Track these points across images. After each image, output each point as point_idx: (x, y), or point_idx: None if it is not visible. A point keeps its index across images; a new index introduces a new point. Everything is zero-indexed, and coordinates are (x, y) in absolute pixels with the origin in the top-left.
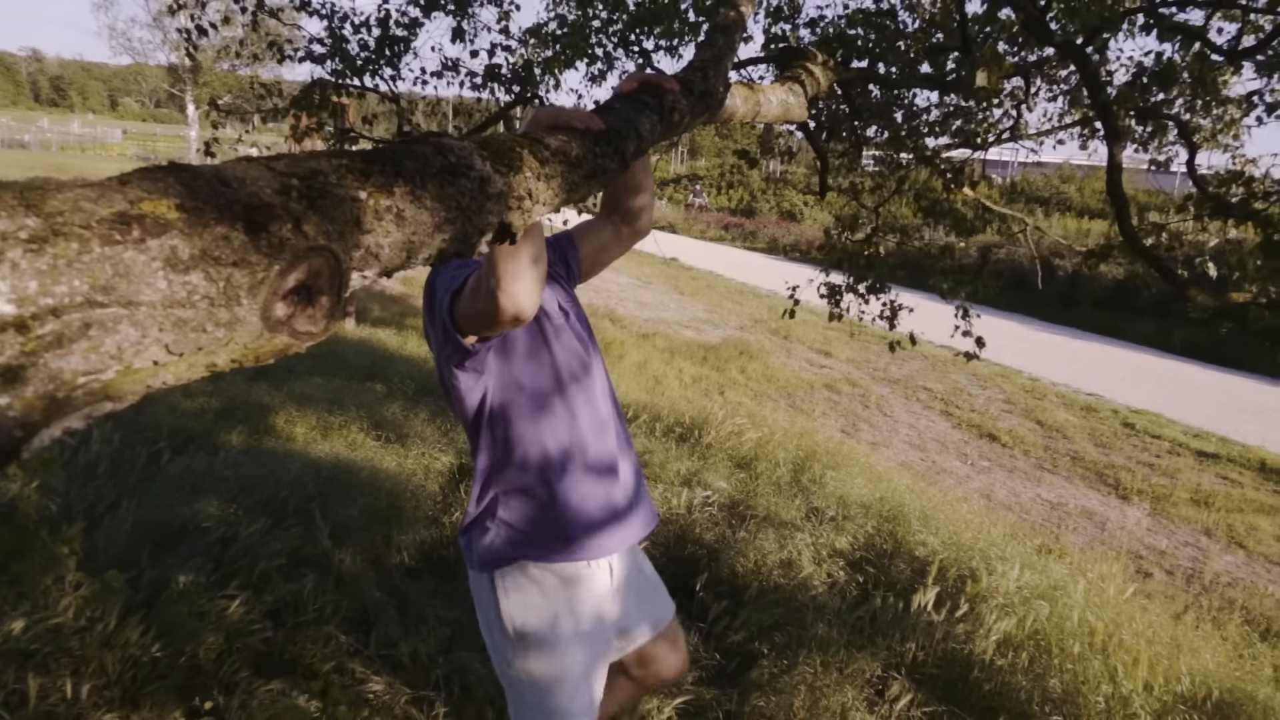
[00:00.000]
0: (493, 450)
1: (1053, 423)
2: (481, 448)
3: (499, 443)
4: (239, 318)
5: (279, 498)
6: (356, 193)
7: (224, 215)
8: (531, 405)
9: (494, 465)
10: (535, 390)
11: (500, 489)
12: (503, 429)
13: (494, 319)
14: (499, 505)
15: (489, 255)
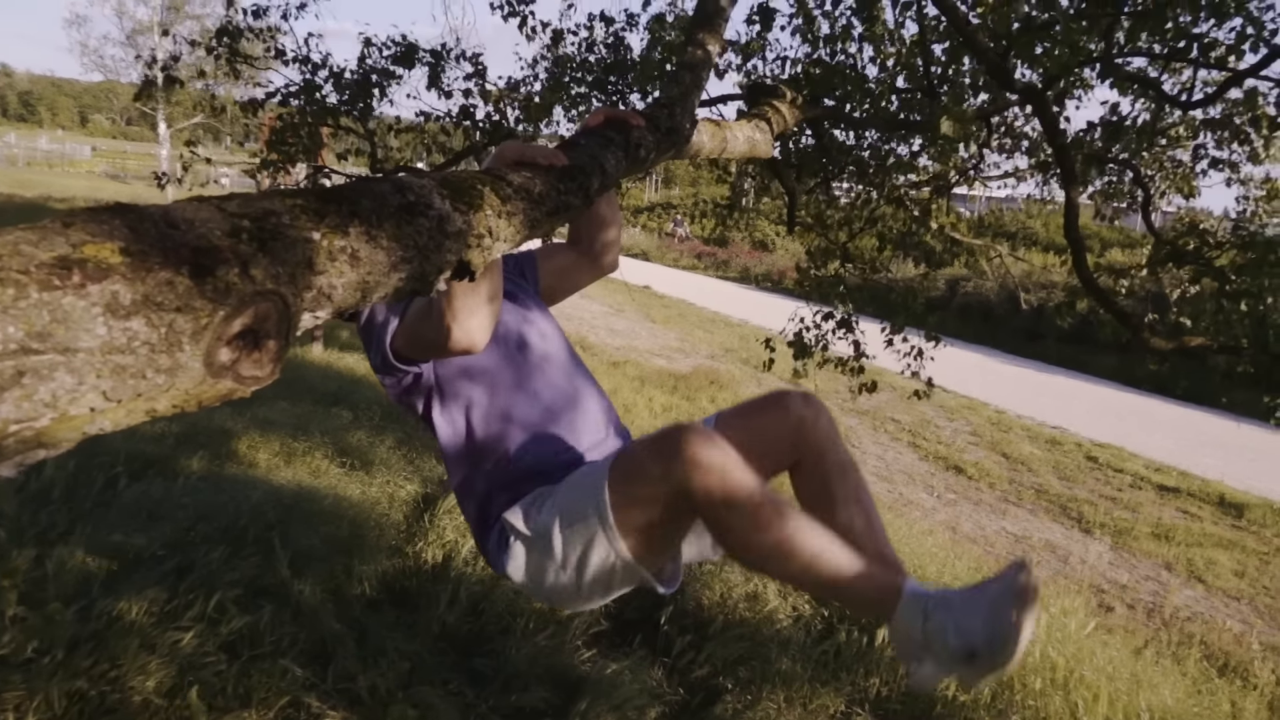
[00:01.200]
0: (452, 429)
1: (1018, 455)
2: (439, 429)
3: (455, 420)
4: (181, 364)
5: (238, 526)
6: (310, 234)
7: (169, 259)
8: (480, 376)
9: (459, 443)
10: (480, 365)
11: (471, 465)
12: (456, 407)
13: (442, 348)
14: (476, 479)
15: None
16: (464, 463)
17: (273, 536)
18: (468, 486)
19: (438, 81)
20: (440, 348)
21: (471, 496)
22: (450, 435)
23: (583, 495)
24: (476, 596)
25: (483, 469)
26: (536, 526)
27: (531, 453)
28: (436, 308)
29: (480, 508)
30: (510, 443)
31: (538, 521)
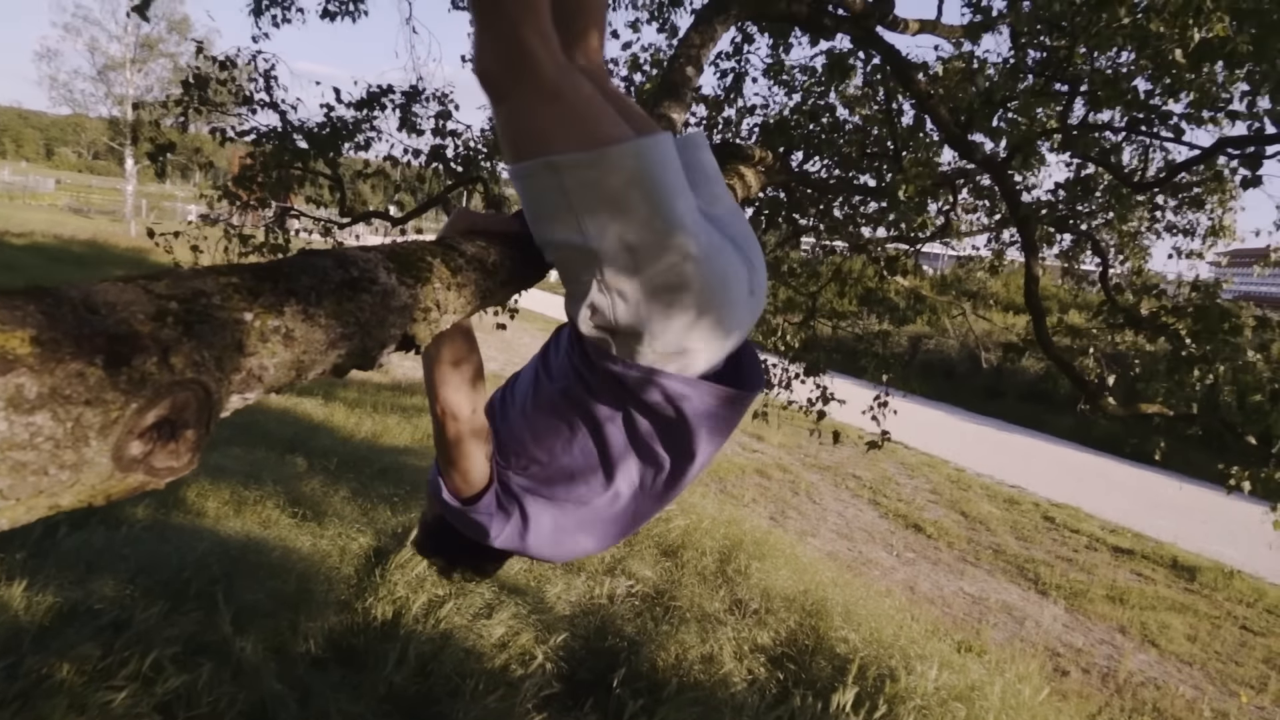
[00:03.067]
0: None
1: (976, 514)
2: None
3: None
4: (86, 459)
5: (181, 579)
6: (241, 315)
7: (83, 348)
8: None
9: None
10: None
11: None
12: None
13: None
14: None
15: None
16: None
17: (216, 591)
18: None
19: (409, 123)
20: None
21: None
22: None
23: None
24: (425, 656)
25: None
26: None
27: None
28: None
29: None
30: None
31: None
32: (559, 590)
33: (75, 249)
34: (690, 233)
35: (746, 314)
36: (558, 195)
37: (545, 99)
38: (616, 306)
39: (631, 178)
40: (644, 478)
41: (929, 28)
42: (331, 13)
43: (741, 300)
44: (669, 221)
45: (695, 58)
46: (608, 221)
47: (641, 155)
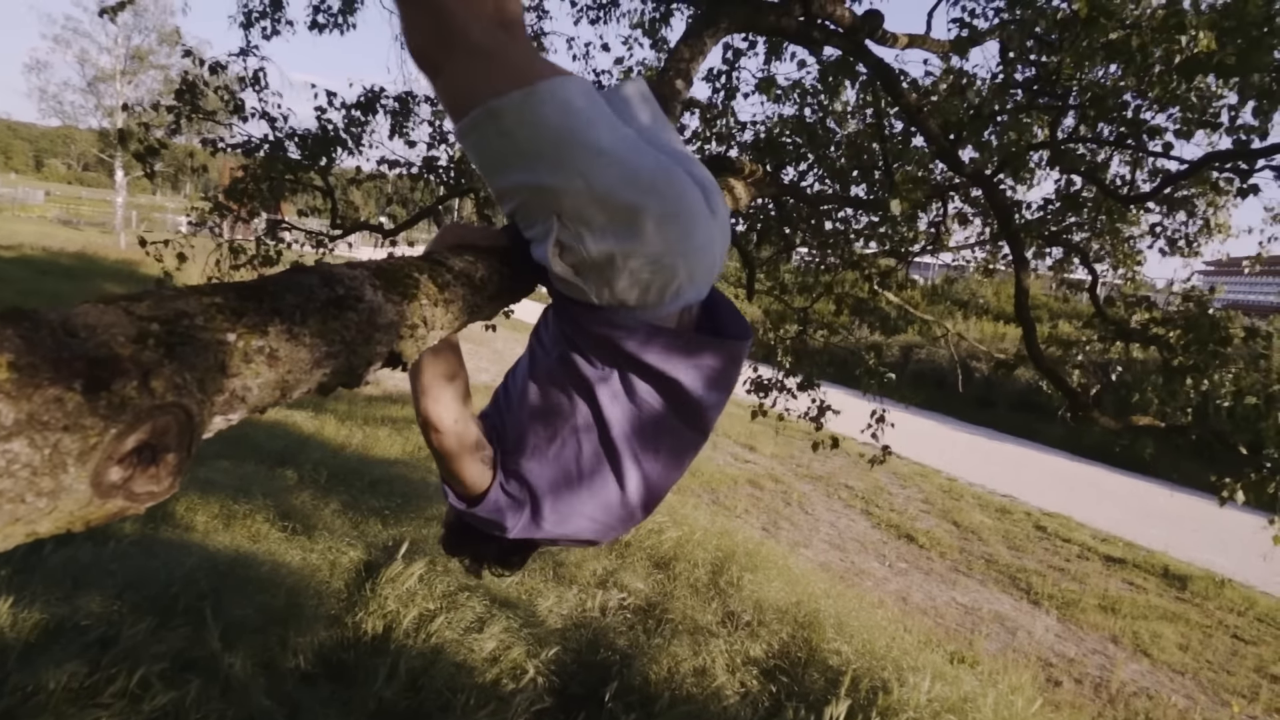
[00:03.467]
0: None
1: (968, 524)
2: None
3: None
4: (64, 486)
5: (169, 594)
6: (224, 335)
7: (61, 373)
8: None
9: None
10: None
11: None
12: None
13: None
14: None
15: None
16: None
17: (205, 606)
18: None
19: (401, 129)
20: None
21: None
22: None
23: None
24: (416, 671)
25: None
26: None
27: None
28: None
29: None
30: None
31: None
32: (551, 603)
33: (64, 261)
34: (636, 152)
35: (712, 232)
36: (503, 140)
37: (477, 58)
38: (583, 238)
39: (566, 108)
40: (649, 441)
41: (918, 42)
42: (320, 25)
43: (702, 215)
44: (613, 144)
45: (685, 71)
46: (555, 154)
47: (570, 86)
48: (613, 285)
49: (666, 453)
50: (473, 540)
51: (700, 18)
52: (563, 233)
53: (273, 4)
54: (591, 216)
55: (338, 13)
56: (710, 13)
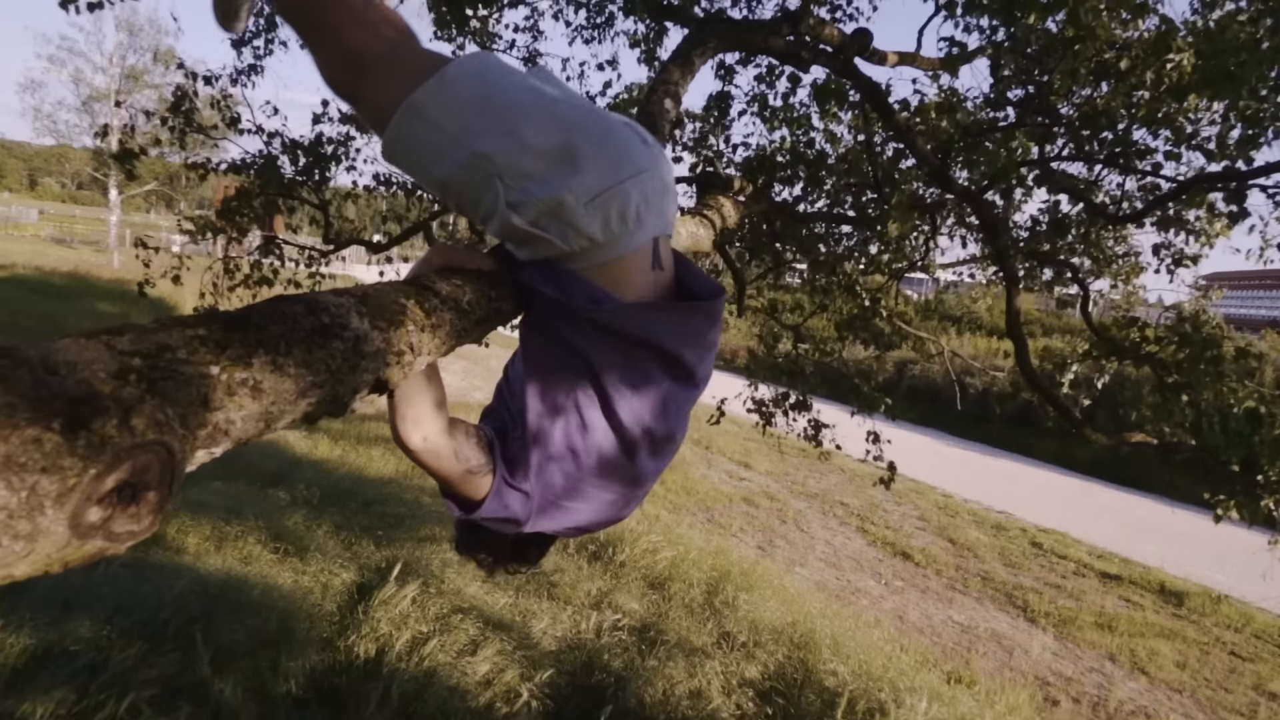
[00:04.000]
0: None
1: (964, 541)
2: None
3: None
4: (42, 529)
5: (159, 619)
6: (207, 369)
7: (40, 413)
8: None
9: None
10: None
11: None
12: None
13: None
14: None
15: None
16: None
17: (195, 630)
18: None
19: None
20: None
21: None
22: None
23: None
24: (409, 695)
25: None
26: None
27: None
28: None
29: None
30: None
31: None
32: (545, 625)
33: (57, 281)
34: (554, 100)
35: (653, 155)
36: (429, 129)
37: (385, 69)
38: (529, 190)
39: (480, 77)
40: (649, 408)
41: (908, 60)
42: None
43: (635, 141)
44: (530, 97)
45: (673, 91)
46: (480, 122)
47: (477, 58)
48: (575, 224)
49: (668, 415)
50: (486, 538)
51: (689, 38)
52: (509, 193)
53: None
54: (530, 167)
55: None
56: (699, 33)
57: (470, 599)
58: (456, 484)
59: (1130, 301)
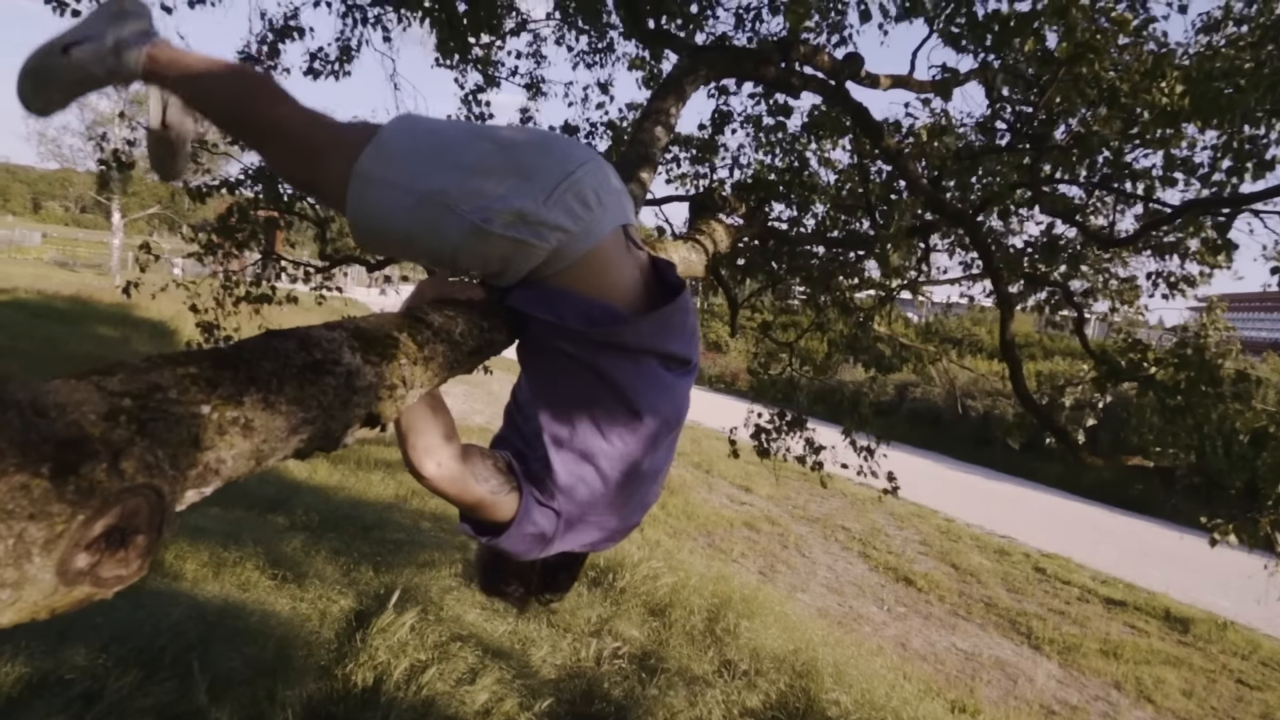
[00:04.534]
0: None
1: (967, 566)
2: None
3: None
4: (29, 576)
5: (156, 646)
6: (198, 408)
7: (29, 459)
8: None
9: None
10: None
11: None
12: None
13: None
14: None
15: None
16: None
17: (192, 658)
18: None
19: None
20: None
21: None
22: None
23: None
24: None
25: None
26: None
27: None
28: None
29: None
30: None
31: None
32: (544, 653)
33: (59, 305)
34: (484, 127)
35: (592, 154)
36: (379, 189)
37: (329, 153)
38: (490, 210)
39: (413, 130)
40: (657, 403)
41: (901, 83)
42: (316, 71)
43: (570, 140)
44: (463, 131)
45: (665, 120)
46: (426, 166)
47: (405, 117)
48: (545, 221)
49: (676, 402)
50: (513, 571)
51: (680, 65)
52: (473, 215)
53: (269, 52)
54: (482, 188)
55: (334, 60)
56: (691, 61)
57: (469, 626)
58: (479, 508)
59: (1132, 324)
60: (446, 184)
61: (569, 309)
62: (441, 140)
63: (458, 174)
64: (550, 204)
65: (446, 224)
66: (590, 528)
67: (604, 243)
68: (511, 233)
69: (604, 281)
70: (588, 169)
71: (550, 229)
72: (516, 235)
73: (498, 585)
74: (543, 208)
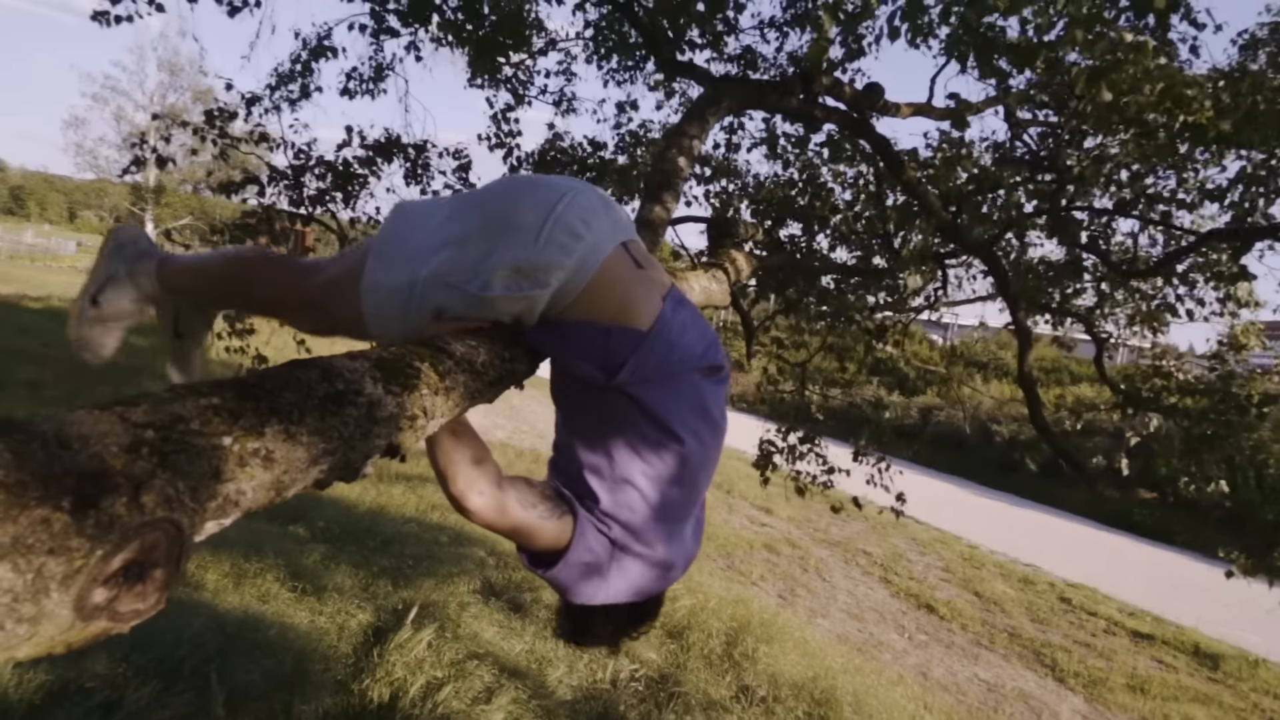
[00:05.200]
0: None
1: (990, 594)
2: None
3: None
4: (46, 611)
5: (175, 656)
6: (220, 440)
7: (50, 492)
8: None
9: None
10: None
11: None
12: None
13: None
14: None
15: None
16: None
17: (210, 670)
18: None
19: (416, 174)
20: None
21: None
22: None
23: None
24: None
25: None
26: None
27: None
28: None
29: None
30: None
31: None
32: (561, 673)
33: None
34: (455, 197)
35: (573, 184)
36: (383, 295)
37: (335, 292)
38: (480, 270)
39: (392, 233)
40: (691, 419)
41: (922, 111)
42: (351, 91)
43: (552, 180)
44: (436, 211)
45: (688, 148)
46: (418, 257)
47: (384, 224)
48: (540, 263)
49: (712, 412)
50: (600, 616)
51: (703, 95)
52: (469, 286)
53: (303, 70)
54: (471, 257)
55: (368, 79)
56: (714, 91)
57: (486, 644)
58: (530, 535)
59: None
60: (439, 266)
61: (587, 345)
62: (427, 224)
63: (446, 253)
64: (540, 245)
65: (453, 301)
66: (642, 562)
67: (606, 264)
68: (512, 290)
69: (615, 302)
70: (569, 201)
71: (548, 270)
72: (517, 292)
73: (583, 634)
74: (535, 253)
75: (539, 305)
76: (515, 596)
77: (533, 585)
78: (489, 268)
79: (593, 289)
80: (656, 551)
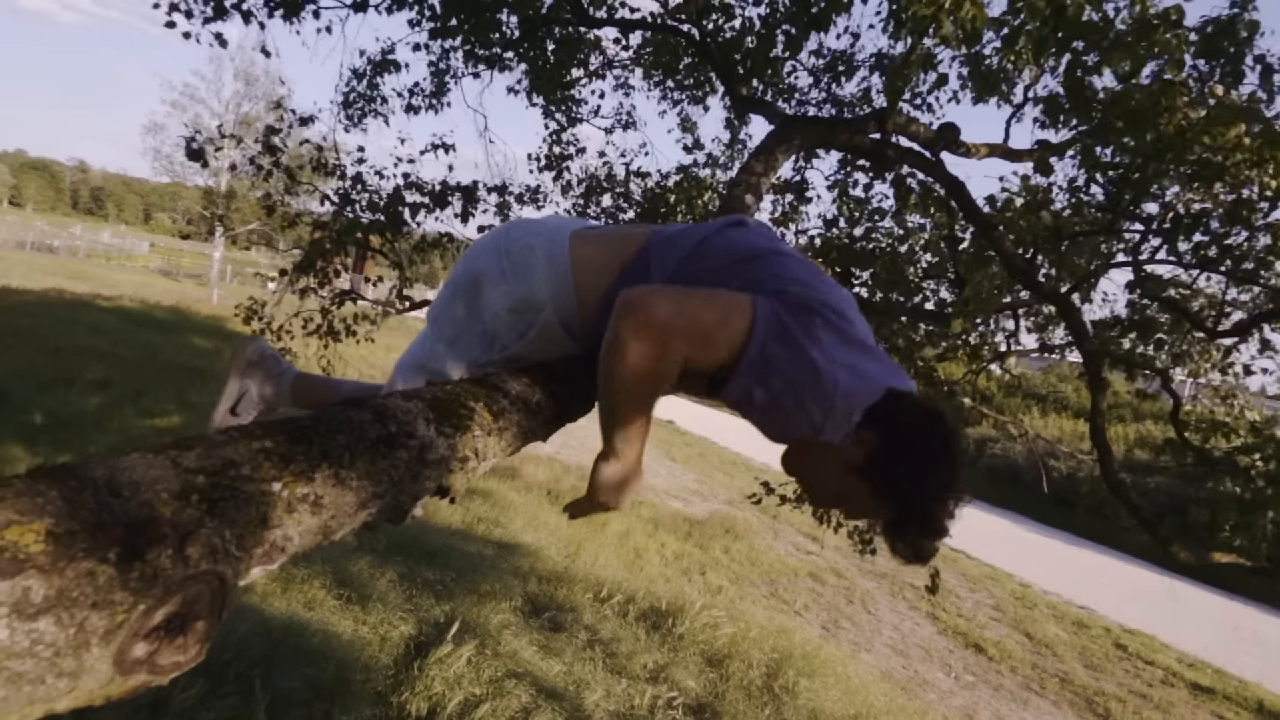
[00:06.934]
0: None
1: (1042, 637)
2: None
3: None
4: (87, 666)
5: (222, 660)
6: (269, 485)
7: (97, 543)
8: None
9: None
10: None
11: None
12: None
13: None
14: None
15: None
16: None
17: (255, 675)
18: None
19: (468, 217)
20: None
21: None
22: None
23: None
24: None
25: None
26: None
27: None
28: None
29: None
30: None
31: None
32: (598, 697)
33: (159, 314)
34: (438, 294)
35: (496, 233)
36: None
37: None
38: (489, 330)
39: (405, 359)
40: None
41: (998, 152)
42: (414, 108)
43: (481, 241)
44: (436, 306)
45: (755, 185)
46: (437, 359)
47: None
48: (528, 284)
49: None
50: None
51: (773, 132)
52: (492, 352)
53: (369, 86)
54: (476, 328)
55: (430, 94)
56: (784, 129)
57: (525, 664)
58: (702, 353)
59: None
60: (458, 358)
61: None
62: (424, 345)
63: (456, 344)
64: (511, 277)
65: (506, 343)
66: (849, 348)
67: (575, 257)
68: (523, 329)
69: (605, 275)
70: (505, 232)
71: (530, 289)
72: (528, 329)
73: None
74: (512, 286)
75: (554, 326)
76: (556, 616)
77: (574, 605)
78: (493, 329)
79: (580, 280)
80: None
